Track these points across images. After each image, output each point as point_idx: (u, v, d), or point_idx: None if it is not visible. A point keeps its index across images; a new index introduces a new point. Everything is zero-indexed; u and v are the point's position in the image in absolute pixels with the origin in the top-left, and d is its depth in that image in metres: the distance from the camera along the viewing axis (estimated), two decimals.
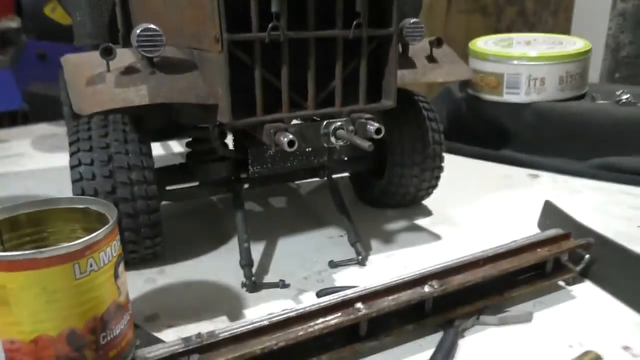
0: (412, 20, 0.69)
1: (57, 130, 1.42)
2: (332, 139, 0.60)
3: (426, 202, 0.88)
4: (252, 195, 0.92)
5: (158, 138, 0.94)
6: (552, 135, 1.09)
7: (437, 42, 0.72)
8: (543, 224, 0.76)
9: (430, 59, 0.73)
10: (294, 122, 0.60)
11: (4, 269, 0.39)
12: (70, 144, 0.63)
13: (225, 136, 0.74)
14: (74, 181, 0.61)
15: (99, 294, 0.43)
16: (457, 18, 2.67)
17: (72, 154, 0.62)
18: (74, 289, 0.42)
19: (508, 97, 1.13)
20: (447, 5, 2.65)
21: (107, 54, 0.55)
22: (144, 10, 0.72)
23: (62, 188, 0.89)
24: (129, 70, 0.57)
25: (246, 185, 0.76)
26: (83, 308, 0.42)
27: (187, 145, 0.74)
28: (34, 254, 0.39)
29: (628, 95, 1.07)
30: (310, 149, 0.72)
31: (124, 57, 0.59)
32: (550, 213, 0.74)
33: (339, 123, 0.60)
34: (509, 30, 2.43)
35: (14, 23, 3.45)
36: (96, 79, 0.56)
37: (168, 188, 0.74)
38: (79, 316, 0.42)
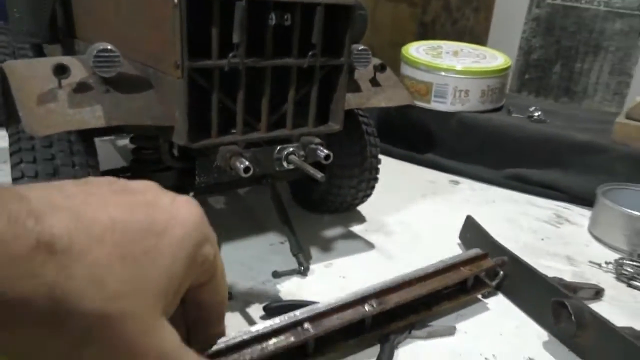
0: (361, 47, 0.73)
1: None
2: (285, 164, 0.63)
3: (360, 207, 0.94)
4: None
5: (100, 135, 0.92)
6: (472, 143, 1.19)
7: (381, 68, 0.77)
8: (464, 237, 0.84)
9: (374, 82, 0.77)
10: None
11: None
12: (12, 154, 0.61)
13: (172, 147, 0.74)
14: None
15: None
16: (385, 6, 2.73)
17: (13, 166, 0.60)
18: None
19: (435, 105, 1.21)
20: None
21: (61, 72, 0.54)
22: (89, 12, 0.69)
23: None
24: (82, 88, 0.56)
25: (191, 194, 0.77)
26: None
27: (132, 152, 0.74)
28: None
29: (539, 113, 1.19)
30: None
31: (75, 70, 0.57)
32: (471, 228, 0.82)
33: (291, 149, 0.63)
34: (433, 22, 2.53)
35: None
36: (48, 96, 0.55)
37: None
38: None
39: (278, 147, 0.63)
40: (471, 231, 0.83)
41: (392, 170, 1.17)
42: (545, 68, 2.54)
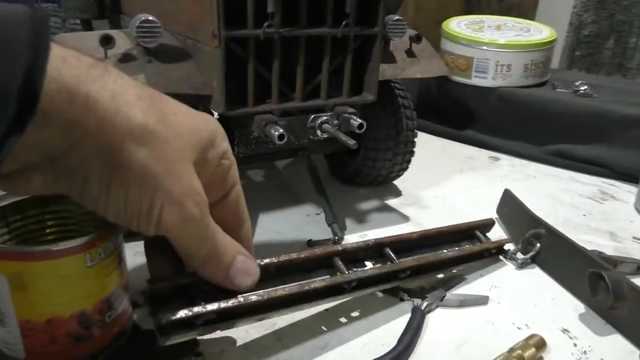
0: (396, 17, 0.73)
1: None
2: (318, 132, 0.64)
3: (396, 181, 0.95)
4: None
5: None
6: (513, 119, 1.16)
7: (417, 38, 0.76)
8: (501, 211, 0.83)
9: (409, 53, 0.77)
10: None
11: (20, 259, 0.43)
12: None
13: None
14: None
15: (106, 279, 0.47)
16: None
17: None
18: (85, 276, 0.45)
19: (476, 81, 1.18)
20: None
21: (107, 42, 0.56)
22: None
23: None
24: (126, 58, 0.59)
25: None
26: (92, 292, 0.46)
27: None
28: (49, 247, 0.43)
29: (586, 87, 1.15)
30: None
31: (120, 41, 0.60)
32: (508, 201, 0.81)
33: (325, 117, 0.64)
34: (478, 1, 2.47)
35: None
36: None
37: None
38: (89, 299, 0.46)
39: (312, 116, 0.64)
40: (509, 205, 0.82)
41: (430, 147, 1.17)
42: (597, 44, 2.44)
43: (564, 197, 0.95)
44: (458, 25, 1.25)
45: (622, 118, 1.04)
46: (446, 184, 0.98)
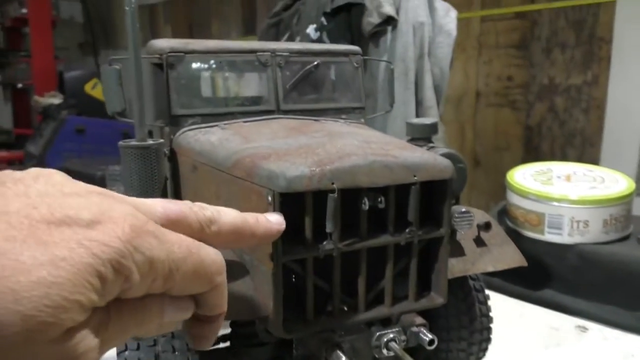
0: (463, 209, 0.69)
1: None
2: (384, 352, 0.59)
3: None
4: None
5: None
6: (597, 280, 1.06)
7: (486, 227, 0.72)
8: None
9: (479, 242, 0.72)
10: None
11: None
12: None
13: None
14: None
15: None
16: (486, 111, 2.71)
17: (119, 353, 0.62)
18: None
19: (550, 237, 1.11)
20: (475, 99, 2.70)
21: None
22: (195, 194, 0.73)
23: None
24: None
25: None
26: None
27: (230, 325, 0.74)
28: None
29: None
30: None
31: None
32: None
33: (392, 335, 0.59)
34: (539, 126, 2.44)
35: (56, 99, 3.63)
36: None
37: None
38: None
39: (377, 334, 0.59)
40: None
41: (507, 313, 1.06)
42: None
43: None
44: (524, 177, 1.20)
45: None
46: None
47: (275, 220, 0.46)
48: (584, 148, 2.32)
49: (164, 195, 0.77)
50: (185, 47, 0.78)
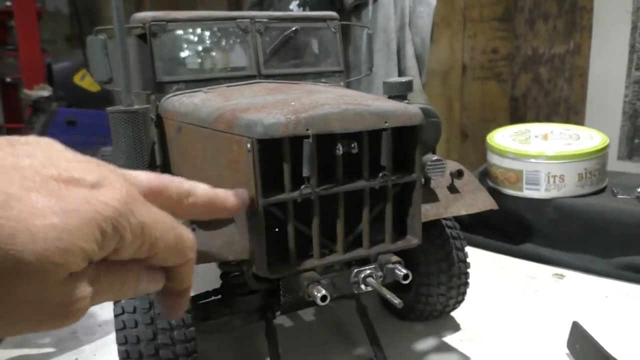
0: (434, 157, 0.73)
1: None
2: (362, 287, 0.63)
3: (454, 312, 0.90)
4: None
5: None
6: (574, 231, 1.10)
7: (458, 174, 0.76)
8: (572, 346, 0.76)
9: (452, 189, 0.76)
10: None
11: None
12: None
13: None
14: (117, 329, 0.64)
15: None
16: (473, 85, 2.74)
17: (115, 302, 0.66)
18: None
19: (528, 193, 1.15)
20: (462, 72, 2.73)
21: None
22: (182, 154, 0.77)
23: None
24: None
25: (278, 313, 0.78)
26: None
27: (221, 277, 0.78)
28: None
29: None
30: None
31: None
32: (579, 337, 0.75)
33: (368, 271, 0.63)
34: (524, 96, 2.48)
35: (45, 92, 3.63)
36: None
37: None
38: None
39: (355, 271, 0.63)
40: (580, 341, 0.75)
41: (488, 266, 1.11)
42: None
43: None
44: (503, 137, 1.24)
45: None
46: (509, 311, 0.92)
47: (242, 195, 0.50)
48: (569, 116, 2.36)
49: (151, 158, 0.81)
50: (167, 17, 0.81)
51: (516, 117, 2.44)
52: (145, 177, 0.38)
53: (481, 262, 1.09)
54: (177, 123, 0.76)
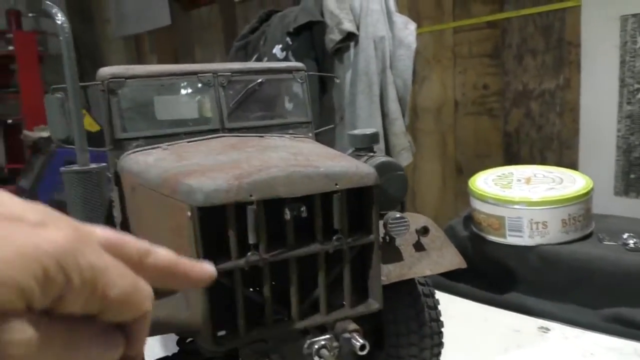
0: (397, 215, 0.70)
1: None
2: (316, 359, 0.59)
3: None
4: None
5: None
6: (559, 280, 1.06)
7: (424, 231, 0.73)
8: None
9: (418, 247, 0.73)
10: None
11: None
12: None
13: None
14: None
15: None
16: (465, 120, 2.73)
17: None
18: None
19: (511, 240, 1.11)
20: (454, 108, 2.72)
21: None
22: (137, 220, 0.74)
23: None
24: None
25: None
26: None
27: (177, 343, 0.74)
28: None
29: (635, 240, 1.05)
30: None
31: None
32: None
33: (323, 342, 0.60)
34: (517, 131, 2.46)
35: (45, 132, 3.65)
36: None
37: None
38: None
39: (308, 342, 0.59)
40: None
41: (471, 317, 1.07)
42: None
43: None
44: (485, 182, 1.21)
45: None
46: None
47: (209, 268, 0.45)
48: (562, 151, 2.34)
49: (109, 218, 0.79)
50: (126, 73, 0.80)
51: (510, 152, 2.42)
52: (101, 231, 0.34)
53: (465, 314, 1.05)
54: (131, 182, 0.74)
